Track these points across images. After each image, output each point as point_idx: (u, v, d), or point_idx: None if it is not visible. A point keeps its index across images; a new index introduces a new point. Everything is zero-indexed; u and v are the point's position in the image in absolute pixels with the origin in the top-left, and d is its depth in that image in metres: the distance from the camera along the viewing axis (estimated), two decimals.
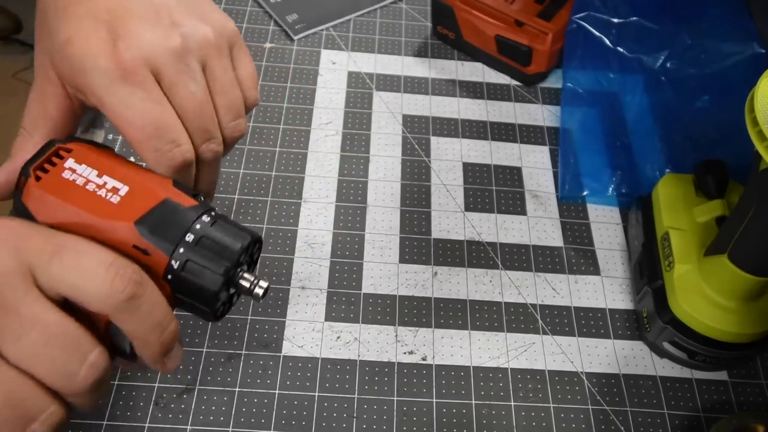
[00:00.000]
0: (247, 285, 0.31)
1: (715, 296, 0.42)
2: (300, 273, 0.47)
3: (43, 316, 0.25)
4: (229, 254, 0.30)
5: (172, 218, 0.29)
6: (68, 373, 0.25)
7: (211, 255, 0.29)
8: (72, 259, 0.26)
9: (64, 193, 0.29)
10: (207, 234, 0.30)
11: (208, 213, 0.30)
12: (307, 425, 0.41)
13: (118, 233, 0.28)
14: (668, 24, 0.57)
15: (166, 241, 0.29)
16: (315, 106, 0.57)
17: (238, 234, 0.30)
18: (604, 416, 0.43)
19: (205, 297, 0.30)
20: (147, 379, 0.42)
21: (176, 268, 0.29)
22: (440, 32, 0.63)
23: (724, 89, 0.55)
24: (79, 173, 0.29)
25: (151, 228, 0.29)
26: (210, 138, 0.33)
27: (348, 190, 0.52)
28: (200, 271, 0.29)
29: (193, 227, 0.29)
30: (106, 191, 0.29)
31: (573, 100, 0.57)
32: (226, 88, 0.34)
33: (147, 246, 0.29)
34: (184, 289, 0.30)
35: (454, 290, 0.48)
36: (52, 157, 0.30)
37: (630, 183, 0.53)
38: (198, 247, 0.29)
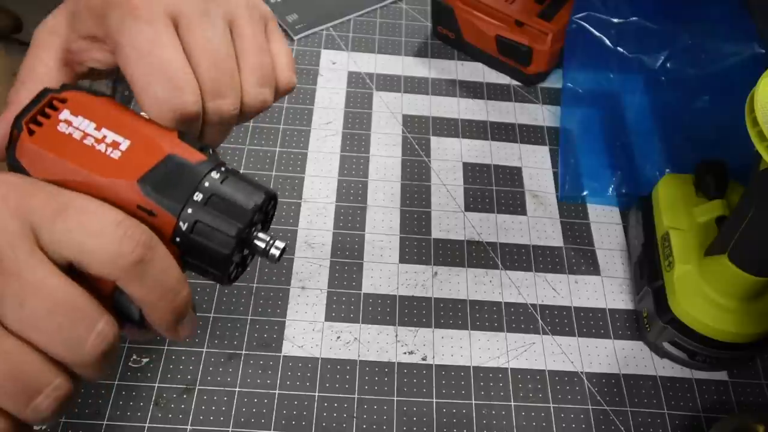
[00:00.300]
0: (262, 246, 0.29)
1: (715, 296, 0.42)
2: (300, 273, 0.47)
3: (48, 281, 0.23)
4: (241, 214, 0.27)
5: (179, 175, 0.27)
6: (75, 342, 0.23)
7: (222, 215, 0.27)
8: (77, 219, 0.24)
9: (60, 149, 0.26)
10: (217, 192, 0.27)
11: (218, 168, 0.28)
12: (307, 425, 0.41)
13: (120, 192, 0.26)
14: (668, 24, 0.57)
15: (172, 201, 0.26)
16: (315, 106, 0.57)
17: (252, 191, 0.28)
18: (604, 416, 0.43)
19: (216, 260, 0.27)
20: (147, 379, 0.42)
21: (185, 230, 0.27)
22: (440, 32, 0.63)
23: (724, 89, 0.55)
24: (76, 126, 0.27)
25: (155, 186, 0.26)
26: (221, 96, 0.30)
27: (348, 190, 0.52)
28: (211, 233, 0.27)
29: (201, 185, 0.27)
30: (105, 146, 0.27)
31: (573, 100, 0.57)
32: (254, 49, 0.31)
33: (152, 206, 0.26)
34: (193, 252, 0.27)
35: (454, 290, 0.48)
36: (45, 108, 0.27)
37: (630, 183, 0.53)
38: (208, 206, 0.27)
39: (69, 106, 0.27)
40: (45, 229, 0.24)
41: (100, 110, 0.28)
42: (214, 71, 0.29)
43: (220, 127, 0.31)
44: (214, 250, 0.27)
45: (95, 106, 0.28)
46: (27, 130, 0.27)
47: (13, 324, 0.23)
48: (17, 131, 0.27)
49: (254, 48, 0.31)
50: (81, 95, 0.28)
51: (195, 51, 0.29)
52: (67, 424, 0.40)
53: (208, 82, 0.29)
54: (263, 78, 0.32)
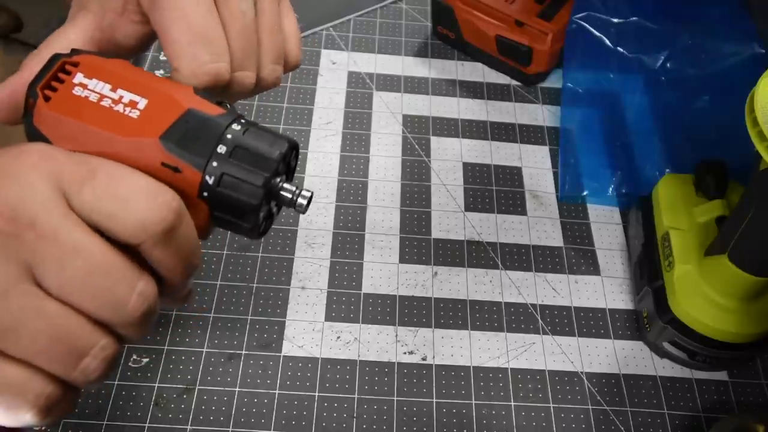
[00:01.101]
0: (289, 196, 0.29)
1: (715, 296, 0.42)
2: (300, 273, 0.47)
3: (85, 243, 0.23)
4: (267, 164, 0.27)
5: (201, 129, 0.27)
6: (118, 303, 0.24)
7: (247, 166, 0.27)
8: (106, 185, 0.24)
9: (78, 113, 0.26)
10: (241, 143, 0.27)
11: (238, 120, 0.28)
12: (307, 425, 0.41)
13: (143, 151, 0.26)
14: (668, 24, 0.57)
15: (197, 155, 0.26)
16: (315, 106, 0.57)
17: (275, 141, 0.28)
18: (604, 416, 0.43)
19: (246, 212, 0.27)
20: (147, 379, 0.42)
21: (212, 183, 0.26)
22: (440, 32, 0.63)
23: (724, 89, 0.55)
24: (91, 88, 0.27)
25: (178, 142, 0.26)
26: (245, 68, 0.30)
27: (348, 190, 0.52)
28: (238, 184, 0.26)
29: (224, 137, 0.27)
30: (123, 106, 0.26)
31: (573, 100, 0.57)
32: (272, 27, 0.32)
33: (177, 162, 0.26)
34: (222, 206, 0.27)
35: (454, 290, 0.48)
36: (58, 74, 0.27)
37: (630, 183, 0.53)
38: (232, 158, 0.26)
39: (82, 69, 0.27)
40: (75, 195, 0.24)
41: (113, 71, 0.27)
42: (244, 43, 0.30)
43: (237, 97, 0.31)
44: (243, 201, 0.27)
45: (108, 67, 0.27)
46: (42, 97, 0.26)
47: (55, 288, 0.23)
48: (32, 99, 0.27)
49: (272, 26, 0.32)
50: (93, 58, 0.28)
51: (230, 21, 0.29)
52: (67, 424, 0.40)
53: (237, 52, 0.30)
54: (278, 55, 0.32)
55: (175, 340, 0.44)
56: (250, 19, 0.30)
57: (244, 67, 0.30)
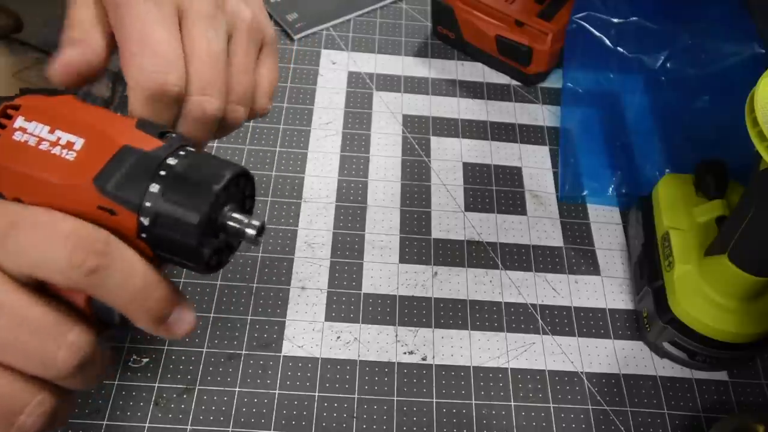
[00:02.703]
0: (236, 226, 0.27)
1: (715, 296, 0.42)
2: (300, 273, 0.47)
3: (8, 300, 0.23)
4: (203, 199, 0.25)
5: (134, 167, 0.25)
6: (46, 358, 0.23)
7: (182, 203, 0.25)
8: (27, 235, 0.24)
9: (16, 159, 0.25)
10: (176, 179, 0.25)
11: (175, 154, 0.26)
12: (307, 425, 0.41)
13: (78, 195, 0.25)
14: (668, 24, 0.57)
15: (130, 196, 0.25)
16: (315, 106, 0.57)
17: (213, 173, 0.26)
18: (604, 416, 0.43)
19: (186, 251, 0.26)
20: (147, 379, 0.42)
21: (147, 225, 0.25)
22: (440, 32, 0.63)
23: (724, 89, 0.55)
24: (30, 132, 0.26)
25: (111, 183, 0.25)
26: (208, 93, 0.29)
27: (348, 190, 0.52)
28: (174, 223, 0.25)
29: (157, 174, 0.25)
30: (60, 148, 0.25)
31: (573, 100, 0.57)
32: (242, 68, 0.32)
33: (111, 205, 0.25)
34: (162, 246, 0.26)
35: (454, 290, 0.48)
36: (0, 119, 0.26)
37: (630, 183, 0.53)
38: (166, 196, 0.25)
39: (23, 112, 0.26)
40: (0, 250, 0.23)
41: (55, 111, 0.27)
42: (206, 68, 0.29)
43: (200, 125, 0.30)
44: (181, 242, 0.25)
45: (50, 107, 0.27)
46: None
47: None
48: None
49: (243, 67, 0.32)
50: (35, 99, 0.27)
51: (192, 45, 0.29)
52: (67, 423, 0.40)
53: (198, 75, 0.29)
54: (242, 97, 0.32)
55: (175, 340, 0.44)
56: (218, 48, 0.30)
57: (206, 92, 0.29)
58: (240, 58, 0.32)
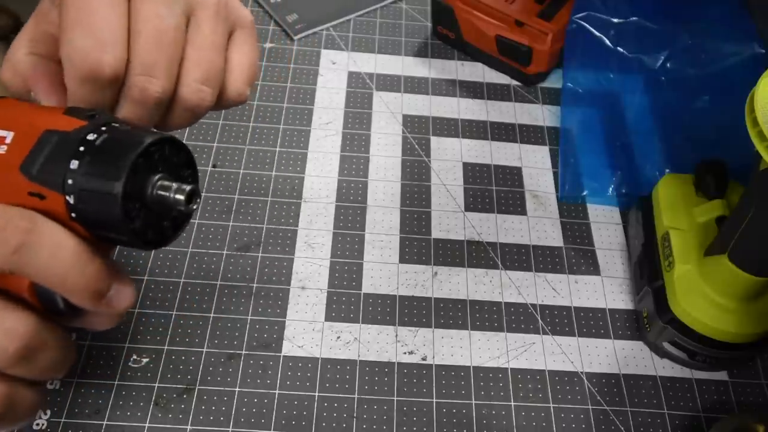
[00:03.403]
0: (164, 194, 0.26)
1: (715, 296, 0.42)
2: (300, 273, 0.47)
3: None
4: (120, 167, 0.25)
5: (55, 149, 0.25)
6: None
7: (101, 176, 0.25)
8: None
9: None
10: (93, 154, 0.25)
11: (97, 129, 0.26)
12: (307, 425, 0.41)
13: (10, 185, 0.25)
14: (668, 24, 0.57)
15: (53, 177, 0.25)
16: (315, 106, 0.57)
17: (131, 142, 0.25)
18: (604, 416, 0.43)
19: (115, 225, 0.25)
20: (147, 379, 0.42)
21: (73, 203, 0.25)
22: (440, 32, 0.63)
23: (724, 89, 0.55)
24: None
25: (35, 167, 0.25)
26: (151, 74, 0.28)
27: (348, 190, 0.52)
28: (96, 197, 0.25)
29: (78, 151, 0.25)
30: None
31: (573, 100, 0.57)
32: (206, 45, 0.30)
33: (39, 189, 0.25)
34: (93, 224, 0.26)
35: (454, 290, 0.48)
36: None
37: (630, 183, 0.53)
38: (86, 171, 0.25)
39: None
40: None
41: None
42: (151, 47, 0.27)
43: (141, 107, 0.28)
44: (107, 215, 0.25)
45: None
46: None
47: None
48: None
49: (207, 44, 0.30)
50: None
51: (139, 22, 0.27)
52: (67, 424, 0.40)
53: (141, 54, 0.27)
54: (206, 76, 0.30)
55: (175, 340, 0.44)
56: (168, 26, 0.28)
57: (149, 72, 0.28)
58: (204, 35, 0.30)
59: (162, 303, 0.45)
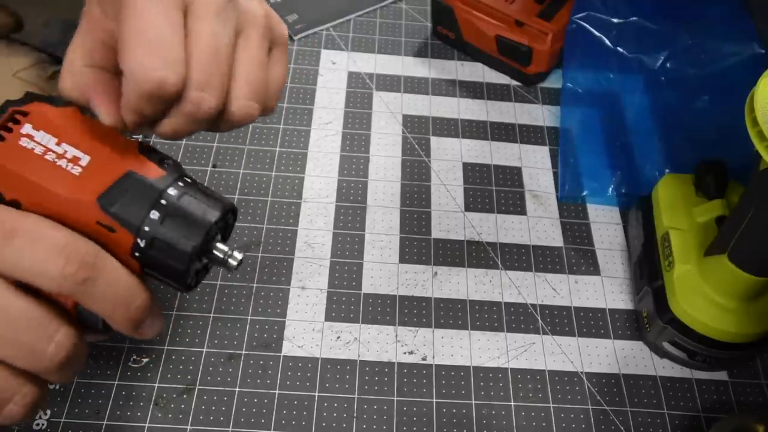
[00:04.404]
0: (220, 256, 0.30)
1: (715, 296, 0.42)
2: (300, 273, 0.47)
3: (4, 300, 0.25)
4: (197, 230, 0.28)
5: (137, 193, 0.28)
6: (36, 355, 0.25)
7: (178, 232, 0.28)
8: (24, 244, 0.25)
9: (22, 164, 0.27)
10: (174, 209, 0.28)
11: (176, 184, 0.29)
12: (307, 425, 0.41)
13: (80, 209, 0.27)
14: (668, 24, 0.57)
15: (130, 219, 0.27)
16: (315, 106, 0.57)
17: (208, 207, 0.29)
18: (604, 416, 0.43)
19: (174, 274, 0.29)
20: (147, 379, 0.42)
21: (143, 246, 0.28)
22: (440, 32, 0.63)
23: (724, 89, 0.55)
24: (38, 141, 0.27)
25: (114, 204, 0.27)
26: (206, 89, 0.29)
27: (348, 190, 0.52)
28: (167, 249, 0.28)
29: (158, 202, 0.28)
30: (66, 161, 0.27)
31: (573, 100, 0.57)
32: (255, 62, 0.31)
33: (111, 223, 0.27)
34: (152, 266, 0.28)
35: (454, 290, 0.48)
36: (7, 123, 0.28)
37: (630, 183, 0.53)
38: (164, 224, 0.28)
39: (31, 119, 0.28)
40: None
41: (62, 124, 0.28)
42: (208, 63, 0.28)
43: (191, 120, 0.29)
44: (171, 265, 0.28)
45: (58, 119, 0.28)
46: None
47: None
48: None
49: (256, 62, 0.31)
50: (43, 107, 0.28)
51: (195, 39, 0.28)
52: (67, 424, 0.40)
53: (197, 71, 0.28)
54: (255, 93, 0.31)
55: (175, 340, 0.44)
56: (222, 43, 0.29)
57: (204, 88, 0.28)
58: (253, 52, 0.31)
59: (162, 303, 0.45)
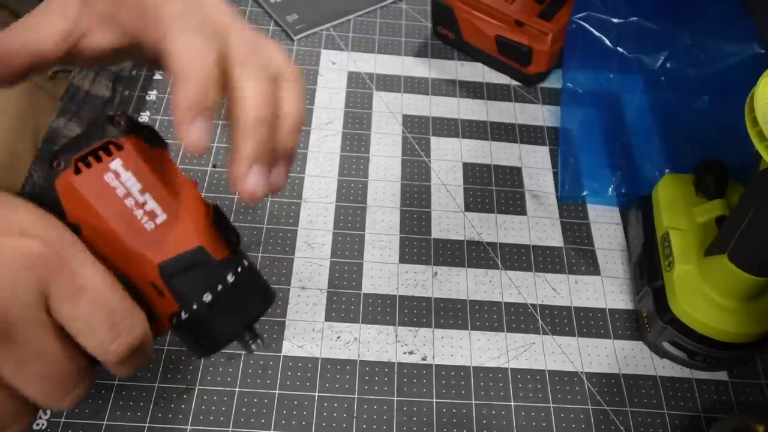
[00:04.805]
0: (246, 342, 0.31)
1: (715, 296, 0.42)
2: (300, 273, 0.47)
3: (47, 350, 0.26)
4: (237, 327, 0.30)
5: (198, 271, 0.28)
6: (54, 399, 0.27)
7: (221, 322, 0.29)
8: (85, 309, 0.26)
9: (100, 200, 0.27)
10: (226, 298, 0.29)
11: (235, 271, 0.29)
12: (307, 425, 0.41)
13: (139, 265, 0.27)
14: (668, 24, 0.57)
15: (184, 295, 0.28)
16: (315, 106, 0.57)
17: (255, 303, 0.30)
18: (604, 416, 0.43)
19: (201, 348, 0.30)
20: (147, 379, 0.42)
21: (184, 319, 0.28)
22: (440, 32, 0.63)
23: (724, 89, 0.55)
24: (122, 181, 0.27)
25: (174, 274, 0.28)
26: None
27: (348, 190, 0.52)
28: (206, 330, 0.29)
29: (215, 288, 0.29)
30: (143, 213, 0.27)
31: (573, 100, 0.57)
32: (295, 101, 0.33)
33: (164, 289, 0.28)
34: (184, 334, 0.30)
35: (454, 290, 0.48)
36: (99, 151, 0.27)
37: (630, 183, 0.53)
38: (213, 308, 0.29)
39: (122, 155, 0.27)
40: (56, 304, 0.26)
41: (149, 169, 0.28)
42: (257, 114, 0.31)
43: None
44: (204, 344, 0.30)
45: (146, 161, 0.28)
46: (74, 167, 0.27)
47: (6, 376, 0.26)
48: (64, 161, 0.27)
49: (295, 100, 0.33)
50: (139, 144, 0.28)
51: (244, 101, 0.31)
52: (67, 424, 0.40)
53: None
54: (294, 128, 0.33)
55: (175, 340, 0.44)
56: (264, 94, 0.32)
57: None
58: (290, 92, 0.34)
59: None
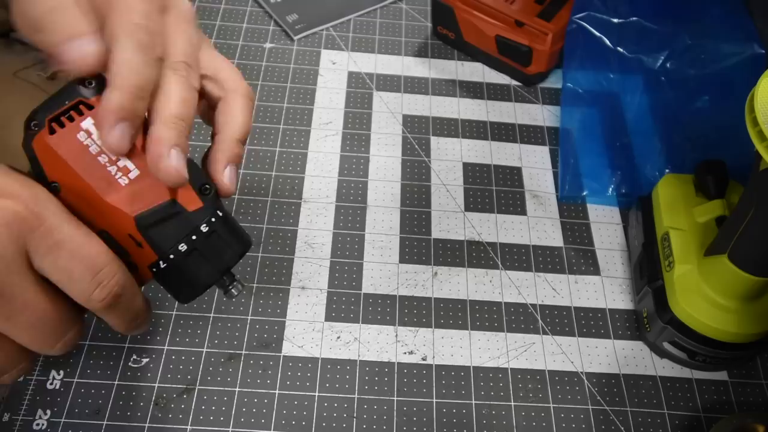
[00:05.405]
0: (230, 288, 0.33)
1: (715, 296, 0.42)
2: (300, 273, 0.47)
3: (33, 301, 0.27)
4: (214, 272, 0.31)
5: (173, 223, 0.29)
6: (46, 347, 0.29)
7: (198, 268, 0.30)
8: (64, 261, 0.27)
9: (74, 157, 0.28)
10: (201, 246, 0.30)
11: (209, 220, 0.30)
12: (307, 425, 0.41)
13: (116, 218, 0.28)
14: (668, 24, 0.57)
15: (161, 244, 0.29)
16: (315, 106, 0.57)
17: (229, 252, 0.31)
18: (604, 416, 0.43)
19: (181, 294, 0.31)
20: (147, 379, 0.42)
21: (163, 267, 0.30)
22: (440, 32, 0.63)
23: (724, 89, 0.55)
24: (95, 139, 0.28)
25: (150, 227, 0.29)
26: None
27: (348, 190, 0.52)
28: (185, 278, 0.30)
29: (189, 237, 0.30)
30: (116, 169, 0.28)
31: (573, 100, 0.57)
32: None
33: (141, 240, 0.29)
34: (164, 282, 0.31)
35: (454, 290, 0.48)
36: (71, 111, 0.28)
37: (630, 183, 0.53)
38: (189, 257, 0.30)
39: (93, 114, 0.28)
40: (37, 258, 0.27)
41: None
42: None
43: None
44: (183, 289, 0.31)
45: None
46: (48, 128, 0.28)
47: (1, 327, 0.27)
48: (38, 123, 0.28)
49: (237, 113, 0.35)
50: None
51: None
52: (67, 424, 0.40)
53: None
54: None
55: (175, 340, 0.44)
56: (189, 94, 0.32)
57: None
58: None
59: (162, 303, 0.45)
